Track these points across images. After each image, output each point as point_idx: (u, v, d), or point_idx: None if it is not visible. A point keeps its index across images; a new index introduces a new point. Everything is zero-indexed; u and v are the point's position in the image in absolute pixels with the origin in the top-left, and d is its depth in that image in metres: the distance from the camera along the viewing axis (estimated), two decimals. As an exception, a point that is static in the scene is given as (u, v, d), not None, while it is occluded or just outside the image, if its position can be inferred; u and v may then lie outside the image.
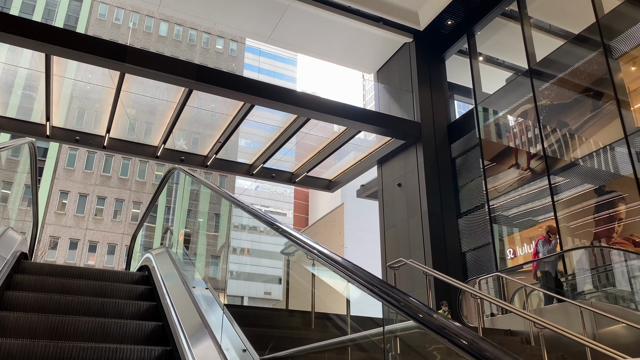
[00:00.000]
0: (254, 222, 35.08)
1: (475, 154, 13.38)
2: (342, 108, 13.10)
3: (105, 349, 3.37)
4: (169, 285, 4.12)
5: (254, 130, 16.07)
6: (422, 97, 14.29)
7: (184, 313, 3.77)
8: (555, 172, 10.76)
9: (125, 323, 3.78)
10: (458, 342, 1.76)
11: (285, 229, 3.32)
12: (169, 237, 7.65)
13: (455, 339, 1.78)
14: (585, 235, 9.86)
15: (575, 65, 10.87)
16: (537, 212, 11.12)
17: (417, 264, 6.03)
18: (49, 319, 3.63)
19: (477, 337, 1.74)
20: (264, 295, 54.74)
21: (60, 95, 13.49)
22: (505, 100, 12.84)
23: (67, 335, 3.64)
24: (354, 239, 33.35)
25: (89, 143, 14.37)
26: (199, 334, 3.55)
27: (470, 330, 1.80)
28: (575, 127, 10.49)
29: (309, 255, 3.74)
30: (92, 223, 32.10)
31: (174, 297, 3.93)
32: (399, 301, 2.33)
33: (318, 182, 17.23)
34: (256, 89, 11.98)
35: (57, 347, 3.28)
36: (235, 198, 4.06)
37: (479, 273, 12.39)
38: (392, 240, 14.11)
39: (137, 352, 3.42)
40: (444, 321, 1.94)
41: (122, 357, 3.39)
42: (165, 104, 13.89)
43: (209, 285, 4.08)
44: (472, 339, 1.71)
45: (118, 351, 3.39)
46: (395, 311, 2.39)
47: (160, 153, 14.84)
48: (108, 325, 3.73)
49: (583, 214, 10.02)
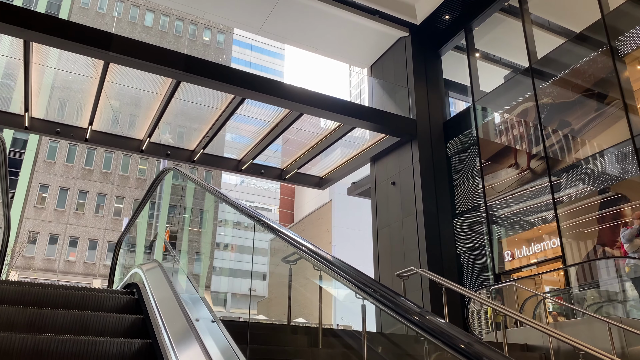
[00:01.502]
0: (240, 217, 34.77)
1: (472, 153, 13.04)
2: (337, 103, 12.66)
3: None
4: (167, 317, 3.61)
5: (242, 125, 15.55)
6: (418, 94, 13.89)
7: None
8: (557, 172, 10.45)
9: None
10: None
11: (300, 241, 2.90)
12: (157, 248, 7.07)
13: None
14: (588, 238, 9.56)
15: (579, 64, 10.55)
16: (536, 214, 10.80)
17: (429, 273, 5.62)
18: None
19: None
20: (247, 292, 54.22)
21: (40, 85, 12.85)
22: (503, 99, 12.51)
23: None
24: (342, 236, 32.99)
25: (70, 136, 13.75)
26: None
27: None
28: (578, 127, 10.17)
29: (317, 266, 3.34)
30: (73, 218, 31.22)
31: (175, 338, 3.39)
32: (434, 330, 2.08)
33: (308, 179, 16.78)
34: (248, 82, 11.47)
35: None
36: (253, 211, 3.62)
37: (475, 275, 12.07)
38: (386, 240, 13.72)
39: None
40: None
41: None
42: (150, 95, 13.32)
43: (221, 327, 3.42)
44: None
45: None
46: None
47: (145, 147, 14.27)
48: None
49: (585, 217, 9.71)
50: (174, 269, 4.89)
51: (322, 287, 4.54)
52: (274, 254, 44.42)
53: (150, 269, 4.90)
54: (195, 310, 3.63)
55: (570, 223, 9.94)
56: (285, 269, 4.62)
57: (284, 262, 4.55)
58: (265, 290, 48.67)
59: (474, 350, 1.83)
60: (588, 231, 9.61)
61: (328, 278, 4.57)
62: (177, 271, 4.78)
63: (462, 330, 2.08)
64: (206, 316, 3.51)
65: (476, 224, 12.45)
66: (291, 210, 60.27)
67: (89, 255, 30.81)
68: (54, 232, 30.55)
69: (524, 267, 10.88)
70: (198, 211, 8.43)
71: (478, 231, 12.34)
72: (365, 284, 2.45)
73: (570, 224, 9.95)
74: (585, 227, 9.64)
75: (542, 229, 10.70)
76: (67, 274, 29.74)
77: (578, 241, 9.67)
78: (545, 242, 10.47)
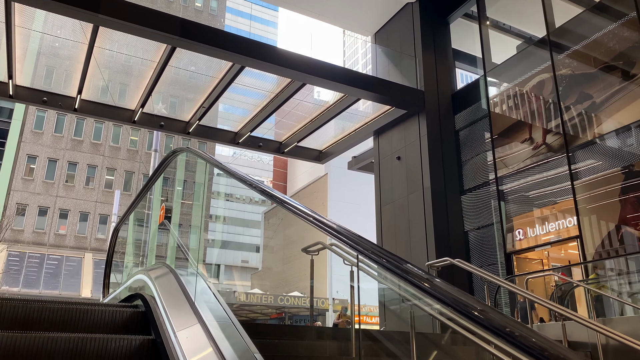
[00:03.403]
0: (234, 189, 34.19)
1: (481, 127, 12.47)
2: (342, 73, 11.99)
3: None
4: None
5: (239, 96, 14.84)
6: (426, 63, 13.20)
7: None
8: (576, 148, 9.91)
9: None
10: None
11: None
12: (170, 249, 6.19)
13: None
14: (609, 218, 9.09)
15: (602, 33, 9.91)
16: (552, 191, 10.31)
17: (466, 264, 5.10)
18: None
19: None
20: (241, 264, 54.06)
21: (25, 51, 12.04)
22: (517, 70, 11.87)
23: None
24: (338, 210, 32.54)
25: (58, 105, 12.99)
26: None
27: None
28: (600, 100, 9.60)
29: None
30: (63, 190, 30.39)
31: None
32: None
33: (308, 152, 16.18)
34: (249, 49, 10.73)
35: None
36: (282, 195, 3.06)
37: (483, 254, 11.65)
38: (390, 217, 13.23)
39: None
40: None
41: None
42: (143, 63, 12.55)
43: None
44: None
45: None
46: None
47: (137, 118, 13.55)
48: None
49: (606, 195, 9.22)
50: (189, 273, 4.18)
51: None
52: (268, 227, 44.05)
53: (161, 277, 4.18)
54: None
55: (590, 202, 9.46)
56: (280, 240, 4.07)
57: (303, 251, 4.03)
58: (260, 262, 48.47)
59: (488, 317, 1.69)
60: (608, 210, 9.13)
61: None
62: (195, 278, 3.99)
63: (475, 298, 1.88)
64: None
65: (485, 201, 11.97)
66: (284, 183, 59.73)
67: (80, 228, 30.14)
68: (43, 205, 29.78)
69: (537, 247, 10.44)
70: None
71: (487, 208, 11.87)
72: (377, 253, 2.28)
73: (589, 203, 9.47)
74: (605, 206, 9.16)
75: (556, 207, 10.23)
76: (58, 247, 29.12)
77: (599, 220, 9.20)
78: (560, 221, 10.00)
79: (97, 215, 30.99)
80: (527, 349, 1.55)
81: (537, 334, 1.62)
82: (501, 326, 1.65)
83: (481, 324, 1.72)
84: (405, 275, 2.12)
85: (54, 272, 27.77)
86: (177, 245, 5.52)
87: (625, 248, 8.43)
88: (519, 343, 1.58)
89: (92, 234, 30.47)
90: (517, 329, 1.63)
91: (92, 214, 30.86)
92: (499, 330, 1.65)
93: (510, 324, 1.65)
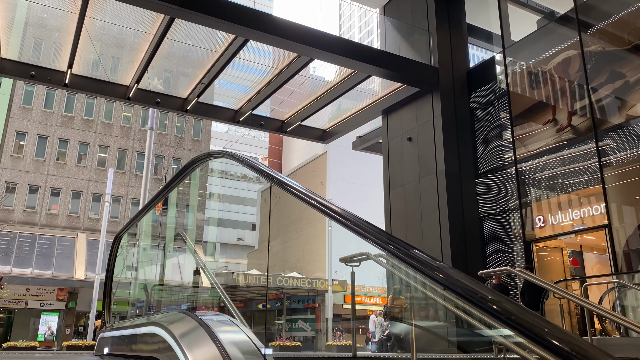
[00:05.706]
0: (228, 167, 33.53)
1: (498, 107, 11.79)
2: (352, 47, 11.23)
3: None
4: None
5: (239, 72, 14.02)
6: (440, 38, 12.42)
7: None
8: (605, 130, 9.27)
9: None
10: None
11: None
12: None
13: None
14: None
15: (635, 7, 9.16)
16: (577, 176, 9.69)
17: (529, 274, 4.47)
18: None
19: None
20: (236, 242, 53.54)
21: (10, 22, 11.19)
22: (538, 47, 11.13)
23: None
24: (337, 190, 31.89)
25: (47, 80, 12.15)
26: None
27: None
28: (634, 80, 8.91)
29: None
30: (54, 168, 29.47)
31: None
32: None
33: (311, 132, 15.46)
34: (254, 20, 9.90)
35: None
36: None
37: (499, 241, 11.08)
38: (399, 200, 12.60)
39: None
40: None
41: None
42: (138, 35, 11.72)
43: None
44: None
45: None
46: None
47: (132, 94, 12.76)
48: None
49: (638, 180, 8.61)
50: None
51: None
52: (264, 205, 43.36)
53: (188, 335, 2.90)
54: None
55: (620, 189, 8.85)
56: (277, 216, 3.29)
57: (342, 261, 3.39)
58: (256, 240, 47.92)
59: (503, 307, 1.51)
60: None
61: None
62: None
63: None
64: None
65: (501, 185, 11.36)
66: (280, 160, 58.91)
67: (72, 206, 29.34)
68: (34, 183, 28.89)
69: (560, 235, 9.86)
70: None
71: (503, 193, 11.26)
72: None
73: (619, 190, 8.86)
74: (638, 193, 8.56)
75: (580, 192, 9.63)
76: (50, 227, 28.35)
77: (630, 207, 8.61)
78: (586, 208, 9.41)
79: (89, 194, 30.16)
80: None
81: None
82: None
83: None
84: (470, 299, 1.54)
85: (46, 253, 27.07)
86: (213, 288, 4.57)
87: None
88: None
89: (85, 214, 29.69)
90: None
91: (85, 193, 30.03)
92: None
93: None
